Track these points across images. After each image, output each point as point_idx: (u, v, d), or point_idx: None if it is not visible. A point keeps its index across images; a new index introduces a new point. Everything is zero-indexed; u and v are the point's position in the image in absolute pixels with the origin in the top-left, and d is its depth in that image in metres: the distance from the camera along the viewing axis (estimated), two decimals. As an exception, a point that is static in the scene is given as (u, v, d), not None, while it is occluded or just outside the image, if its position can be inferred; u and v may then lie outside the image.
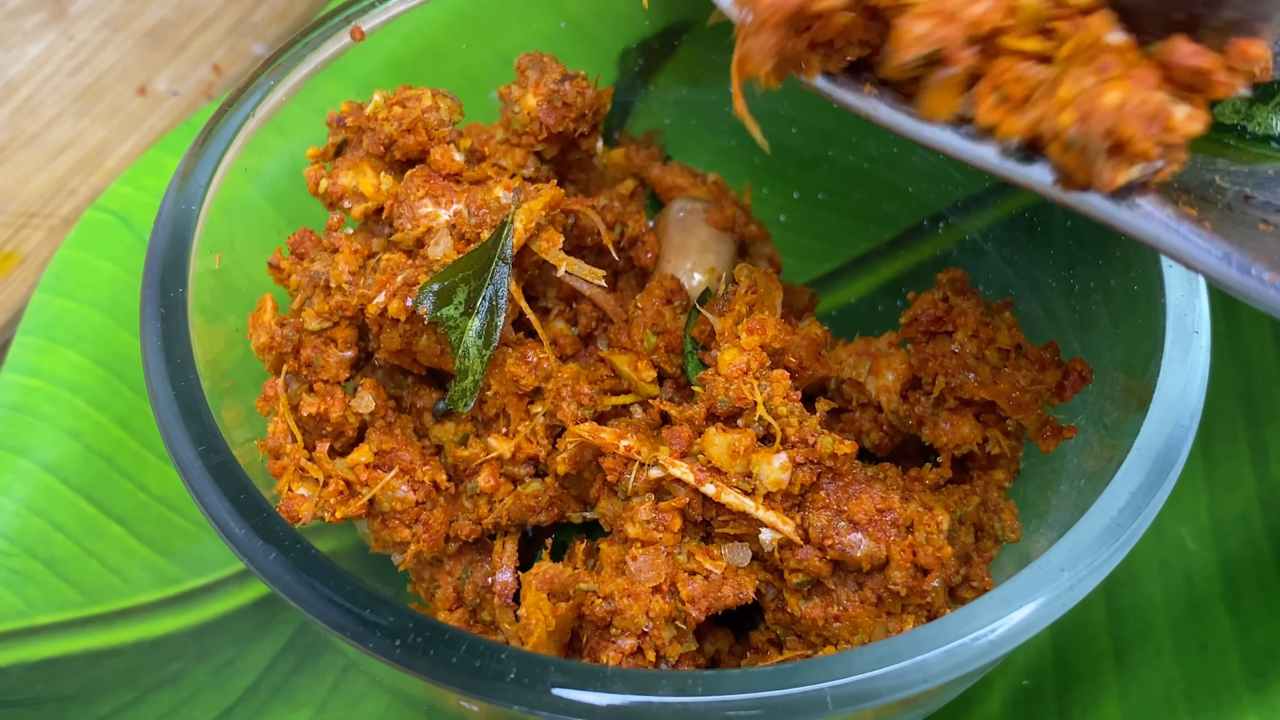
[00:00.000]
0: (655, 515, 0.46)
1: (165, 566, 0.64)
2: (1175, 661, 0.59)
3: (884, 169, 0.69)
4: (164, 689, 0.60)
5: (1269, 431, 0.66)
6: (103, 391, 0.67)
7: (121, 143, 0.83)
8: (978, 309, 0.53)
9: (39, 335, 0.68)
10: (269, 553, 0.44)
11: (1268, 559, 0.62)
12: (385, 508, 0.51)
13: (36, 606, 0.62)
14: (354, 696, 0.61)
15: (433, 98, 0.54)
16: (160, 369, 0.48)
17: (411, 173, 0.53)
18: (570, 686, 0.40)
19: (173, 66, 0.86)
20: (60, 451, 0.65)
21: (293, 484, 0.50)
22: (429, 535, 0.52)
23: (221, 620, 0.63)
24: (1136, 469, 0.45)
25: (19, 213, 0.80)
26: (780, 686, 0.40)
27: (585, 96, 0.56)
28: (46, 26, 0.87)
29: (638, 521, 0.46)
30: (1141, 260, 0.51)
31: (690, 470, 0.46)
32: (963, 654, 0.41)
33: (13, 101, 0.84)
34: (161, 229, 0.52)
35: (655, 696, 0.40)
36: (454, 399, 0.51)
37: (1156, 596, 0.62)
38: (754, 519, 0.46)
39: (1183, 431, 0.46)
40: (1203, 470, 0.65)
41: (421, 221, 0.51)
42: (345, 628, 0.42)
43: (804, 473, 0.46)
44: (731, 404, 0.46)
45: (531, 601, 0.46)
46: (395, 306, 0.50)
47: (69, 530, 0.64)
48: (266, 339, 0.52)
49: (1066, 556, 0.43)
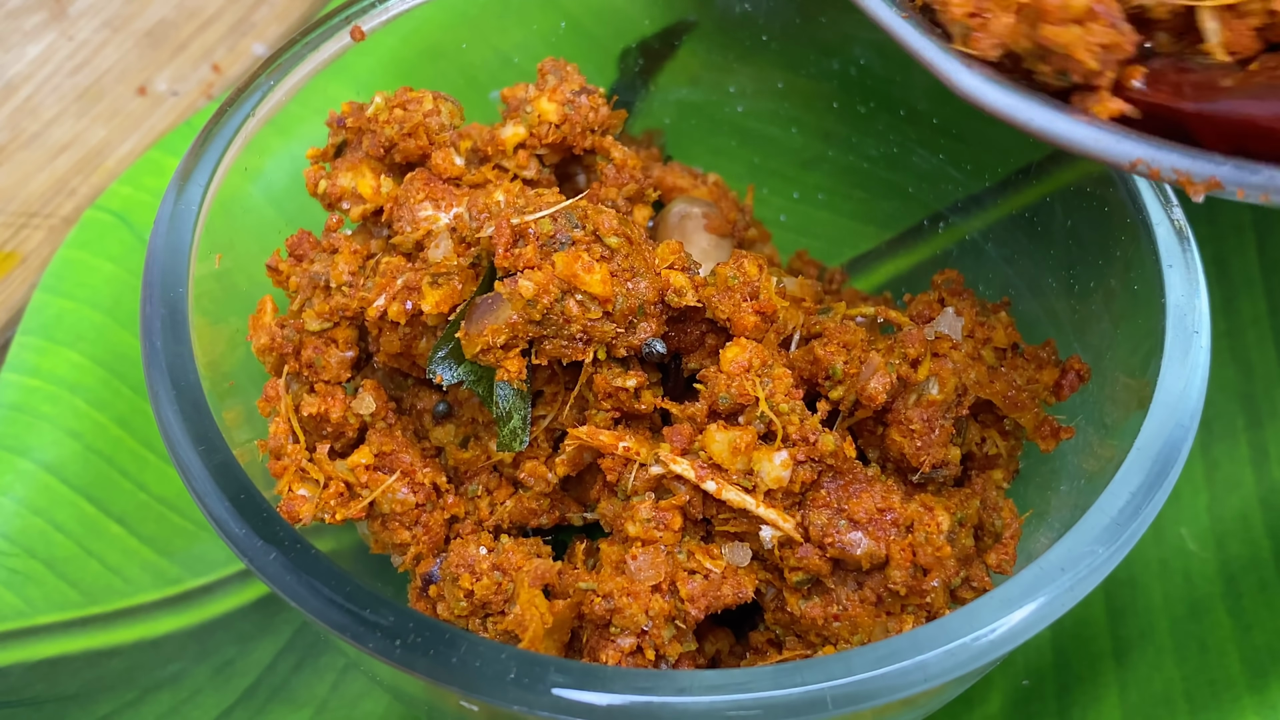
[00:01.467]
0: (656, 514, 0.46)
1: (165, 566, 0.64)
2: (1175, 662, 0.59)
3: (884, 169, 0.69)
4: (164, 689, 0.60)
5: (1269, 431, 0.66)
6: (103, 391, 0.67)
7: (121, 143, 0.83)
8: (973, 309, 0.53)
9: (39, 335, 0.68)
10: (269, 553, 0.44)
11: (1268, 559, 0.62)
12: (385, 509, 0.51)
13: (36, 606, 0.62)
14: (354, 697, 0.61)
15: (434, 101, 0.54)
16: (160, 369, 0.48)
17: (412, 175, 0.53)
18: (570, 686, 0.40)
19: (173, 66, 0.86)
20: (60, 451, 0.65)
21: (293, 485, 0.50)
22: (429, 537, 0.52)
23: (222, 620, 0.63)
24: (1136, 469, 0.45)
25: (19, 213, 0.80)
26: (780, 687, 0.40)
27: (598, 113, 0.55)
28: (46, 26, 0.87)
29: (638, 520, 0.46)
30: (1141, 260, 0.51)
31: (691, 467, 0.46)
32: (963, 654, 0.41)
33: (13, 101, 0.84)
34: (161, 229, 0.52)
35: (655, 696, 0.40)
36: (505, 443, 0.50)
37: (1156, 597, 0.62)
38: (754, 516, 0.46)
39: (1183, 431, 0.46)
40: (1203, 470, 0.65)
41: (421, 225, 0.51)
42: (345, 628, 0.42)
43: (804, 470, 0.46)
44: (733, 401, 0.46)
45: (525, 599, 0.46)
46: (395, 310, 0.50)
47: (69, 530, 0.64)
48: (267, 340, 0.52)
49: (1066, 556, 0.43)
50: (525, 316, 0.46)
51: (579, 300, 0.46)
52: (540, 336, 0.47)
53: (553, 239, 0.47)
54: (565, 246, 0.47)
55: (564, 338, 0.47)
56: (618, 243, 0.47)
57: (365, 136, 0.54)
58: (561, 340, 0.47)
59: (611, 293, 0.46)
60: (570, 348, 0.47)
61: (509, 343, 0.47)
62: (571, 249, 0.46)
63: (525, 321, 0.46)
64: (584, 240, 0.47)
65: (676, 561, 0.47)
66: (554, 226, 0.47)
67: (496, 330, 0.46)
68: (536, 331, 0.47)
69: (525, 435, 0.50)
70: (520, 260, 0.46)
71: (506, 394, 0.49)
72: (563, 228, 0.47)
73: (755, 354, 0.47)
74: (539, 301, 0.46)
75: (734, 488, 0.46)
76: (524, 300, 0.46)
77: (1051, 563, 0.43)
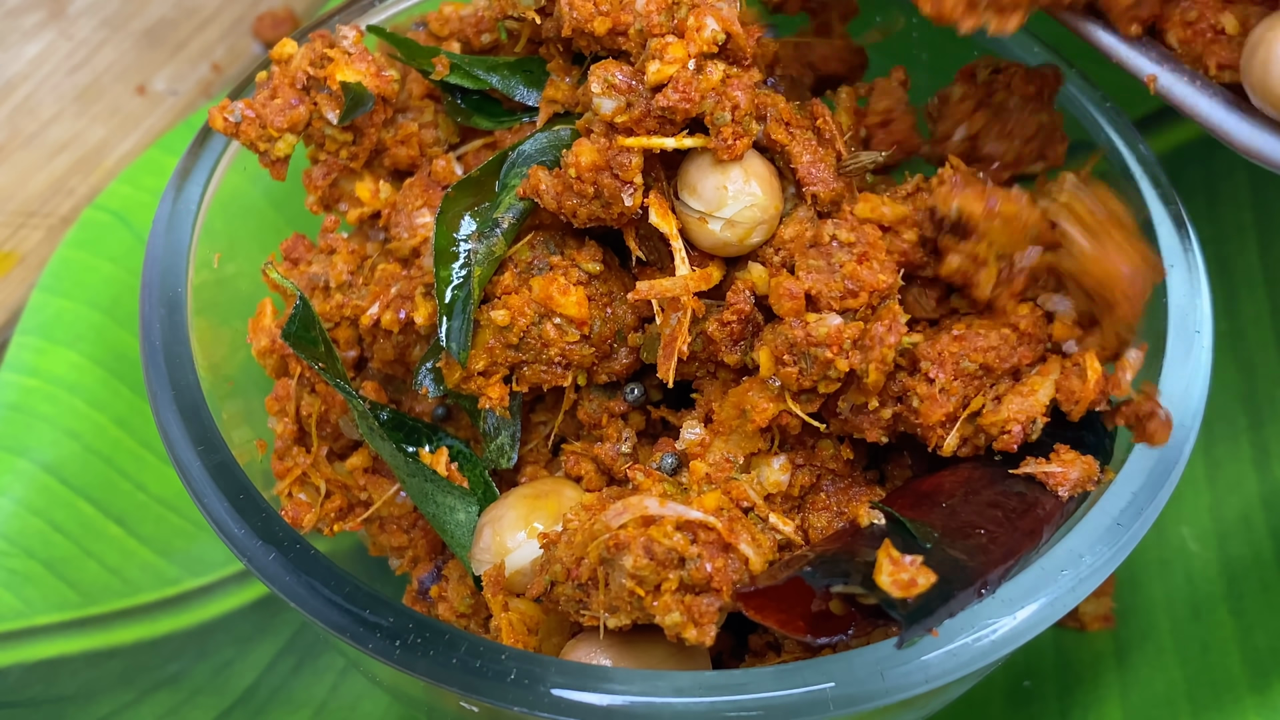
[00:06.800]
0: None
1: (164, 567, 0.64)
2: (1177, 662, 0.59)
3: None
4: (163, 690, 0.60)
5: (1271, 432, 0.66)
6: (102, 391, 0.67)
7: (120, 142, 0.83)
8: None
9: (37, 335, 0.68)
10: (268, 553, 0.43)
11: (1269, 559, 0.62)
12: (384, 512, 0.51)
13: (35, 607, 0.62)
14: (353, 698, 0.61)
15: (434, 114, 0.54)
16: (159, 369, 0.48)
17: (410, 181, 0.52)
18: (570, 687, 0.40)
19: (172, 66, 0.86)
20: (59, 451, 0.65)
21: (294, 490, 0.50)
22: (426, 541, 0.51)
23: (221, 621, 0.63)
24: (1138, 469, 0.45)
25: (17, 212, 0.80)
26: (781, 687, 0.40)
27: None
28: (45, 25, 0.87)
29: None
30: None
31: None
32: (964, 655, 0.41)
33: (11, 101, 0.84)
34: (160, 228, 0.52)
35: (655, 697, 0.40)
36: (491, 459, 0.50)
37: (1158, 597, 0.62)
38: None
39: (1185, 432, 0.46)
40: (1204, 470, 0.65)
41: (419, 231, 0.51)
42: (345, 629, 0.42)
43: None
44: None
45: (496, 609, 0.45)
46: (389, 318, 0.50)
47: (68, 530, 0.64)
48: (267, 343, 0.52)
49: (1068, 557, 0.43)
50: (502, 341, 0.46)
51: (556, 324, 0.46)
52: (520, 362, 0.47)
53: (530, 266, 0.47)
54: (543, 272, 0.47)
55: (543, 363, 0.47)
56: (596, 268, 0.47)
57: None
58: (541, 365, 0.47)
59: (589, 315, 0.46)
60: (550, 373, 0.47)
61: (488, 370, 0.47)
62: (549, 273, 0.46)
63: (503, 347, 0.46)
64: (562, 265, 0.47)
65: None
66: (532, 254, 0.47)
67: (474, 357, 0.46)
68: (515, 357, 0.47)
69: (513, 452, 0.50)
70: (498, 287, 0.46)
71: (492, 416, 0.50)
72: (540, 255, 0.47)
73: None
74: (515, 325, 0.46)
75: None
76: (499, 326, 0.46)
77: (1053, 563, 0.43)
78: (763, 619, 0.40)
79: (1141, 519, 0.44)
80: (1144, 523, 0.44)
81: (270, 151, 0.51)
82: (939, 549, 0.40)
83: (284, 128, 0.50)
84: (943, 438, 0.44)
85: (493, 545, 0.46)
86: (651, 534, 0.40)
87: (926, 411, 0.44)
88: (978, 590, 0.40)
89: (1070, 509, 0.45)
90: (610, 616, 0.41)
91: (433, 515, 0.49)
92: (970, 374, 0.44)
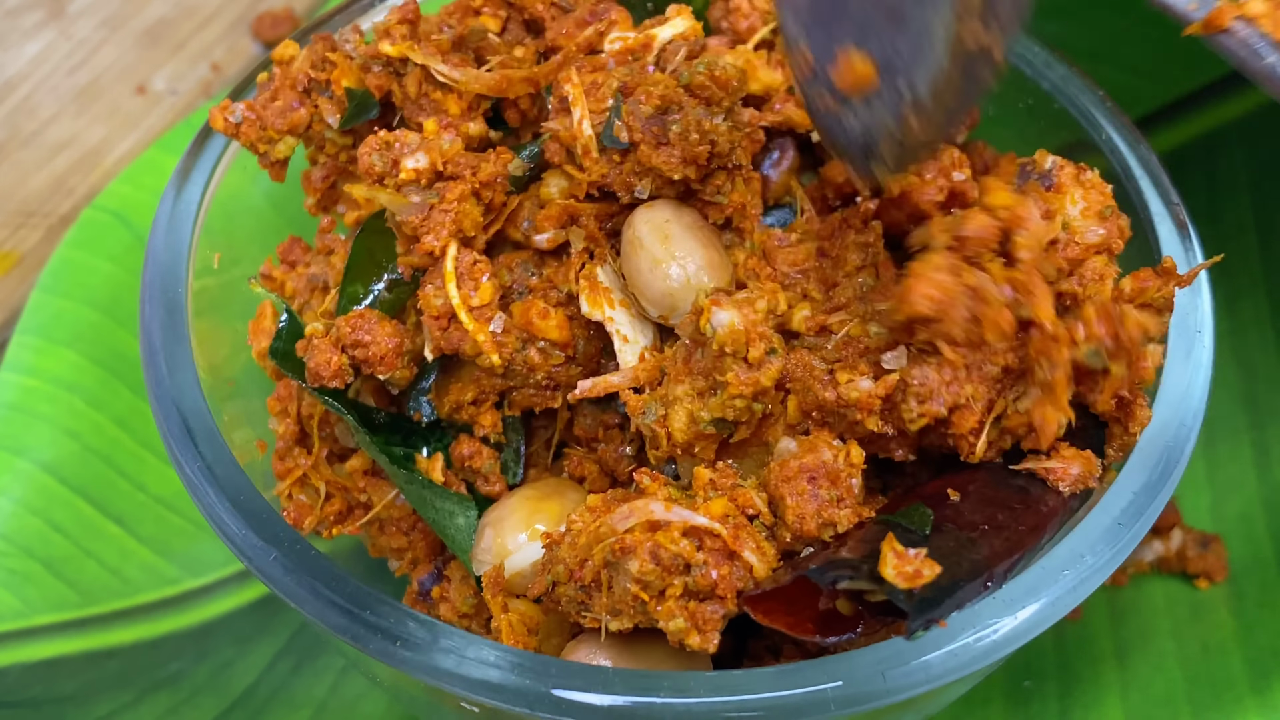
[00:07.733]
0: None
1: (164, 567, 0.64)
2: (1177, 662, 0.59)
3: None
4: (162, 690, 0.60)
5: (1271, 432, 0.66)
6: (101, 391, 0.67)
7: (120, 142, 0.83)
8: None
9: (37, 335, 0.68)
10: (268, 553, 0.43)
11: (1270, 559, 0.62)
12: (383, 515, 0.51)
13: (34, 607, 0.62)
14: (353, 698, 0.61)
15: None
16: (159, 369, 0.48)
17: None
18: (570, 687, 0.40)
19: (171, 65, 0.86)
20: (58, 451, 0.65)
21: (294, 491, 0.50)
22: (425, 543, 0.51)
23: (220, 621, 0.63)
24: (1139, 469, 0.45)
25: (17, 212, 0.80)
26: (782, 688, 0.40)
27: None
28: (45, 25, 0.87)
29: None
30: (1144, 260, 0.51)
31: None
32: (965, 655, 0.41)
33: (11, 100, 0.84)
34: (160, 228, 0.52)
35: (655, 697, 0.39)
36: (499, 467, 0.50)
37: (1158, 597, 0.62)
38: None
39: (1185, 432, 0.46)
40: (1205, 470, 0.65)
41: None
42: (345, 629, 0.42)
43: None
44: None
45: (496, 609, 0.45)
46: None
47: (67, 530, 0.64)
48: (268, 344, 0.52)
49: (1069, 557, 0.43)
50: (488, 370, 0.46)
51: (540, 348, 0.46)
52: (509, 388, 0.47)
53: (510, 289, 0.47)
54: (522, 296, 0.46)
55: (531, 387, 0.47)
56: (576, 287, 0.47)
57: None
58: (530, 390, 0.47)
59: (570, 336, 0.46)
60: (539, 396, 0.47)
61: (478, 398, 0.47)
62: (527, 297, 0.46)
63: (490, 375, 0.46)
64: (540, 288, 0.47)
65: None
66: (510, 276, 0.47)
67: (462, 389, 0.46)
68: (503, 384, 0.47)
69: (518, 469, 0.50)
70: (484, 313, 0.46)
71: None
72: (520, 277, 0.47)
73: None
74: (500, 353, 0.46)
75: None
76: (482, 367, 0.46)
77: (1054, 563, 0.43)
78: (771, 622, 0.40)
79: (1142, 519, 0.44)
80: (1145, 522, 0.44)
81: (270, 153, 0.51)
82: (942, 541, 0.40)
83: (284, 130, 0.50)
84: (973, 445, 0.44)
85: (494, 546, 0.46)
86: (658, 539, 0.40)
87: (959, 421, 0.43)
88: (984, 583, 0.40)
89: (1073, 507, 0.44)
90: (613, 619, 0.41)
91: (433, 520, 0.49)
92: (994, 378, 0.44)
